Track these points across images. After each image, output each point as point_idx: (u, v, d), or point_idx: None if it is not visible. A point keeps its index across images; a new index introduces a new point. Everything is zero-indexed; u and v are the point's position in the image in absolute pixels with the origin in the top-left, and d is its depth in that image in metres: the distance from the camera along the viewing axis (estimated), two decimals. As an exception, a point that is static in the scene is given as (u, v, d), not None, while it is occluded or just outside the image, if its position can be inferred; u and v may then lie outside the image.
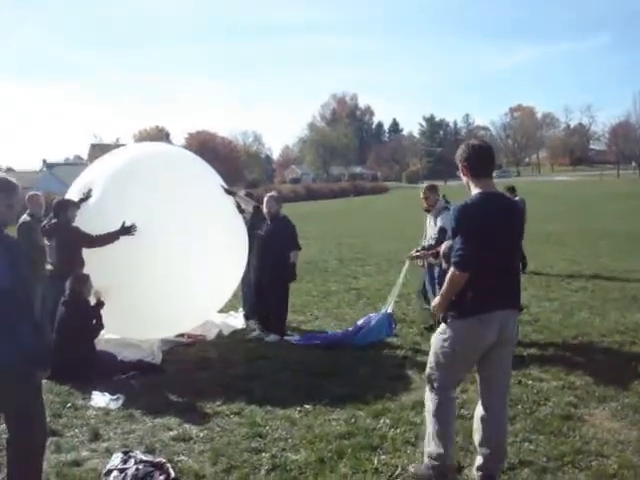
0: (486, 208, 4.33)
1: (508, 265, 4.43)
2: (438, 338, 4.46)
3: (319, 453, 4.95)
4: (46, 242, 8.43)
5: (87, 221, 7.88)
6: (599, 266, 14.97)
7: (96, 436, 5.56)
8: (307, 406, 6.03)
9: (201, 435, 5.49)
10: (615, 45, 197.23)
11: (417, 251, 8.59)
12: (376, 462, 4.78)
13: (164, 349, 8.30)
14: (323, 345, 8.19)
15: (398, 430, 5.35)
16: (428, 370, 4.57)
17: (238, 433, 5.46)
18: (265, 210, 9.05)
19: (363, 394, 6.31)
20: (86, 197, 8.11)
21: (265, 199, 9.15)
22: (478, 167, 4.43)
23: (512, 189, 16.00)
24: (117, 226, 7.58)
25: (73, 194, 8.38)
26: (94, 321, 7.45)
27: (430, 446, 4.49)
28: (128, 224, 7.60)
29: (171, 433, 5.58)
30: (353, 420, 5.65)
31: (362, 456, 4.90)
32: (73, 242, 7.84)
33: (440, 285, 5.25)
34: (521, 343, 8.08)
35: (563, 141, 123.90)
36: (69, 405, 6.40)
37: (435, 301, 4.52)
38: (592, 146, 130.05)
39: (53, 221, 8.13)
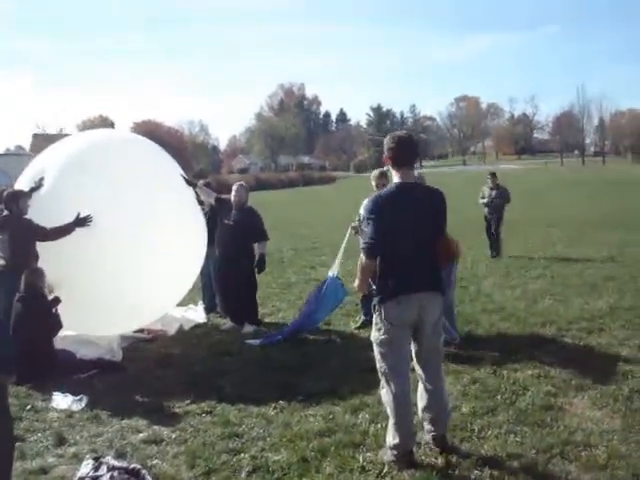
0: (399, 198, 4.58)
1: (423, 251, 4.64)
2: (373, 330, 4.72)
3: (301, 452, 4.75)
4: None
5: (39, 212, 7.52)
6: (554, 253, 15.11)
7: (61, 440, 5.26)
8: (282, 402, 5.83)
9: (173, 436, 5.24)
10: (562, 36, 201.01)
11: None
12: (361, 460, 4.61)
13: (124, 346, 8.00)
14: (288, 337, 7.97)
15: (379, 425, 5.17)
16: (377, 364, 4.75)
17: (213, 433, 5.22)
18: (235, 199, 8.80)
19: (338, 388, 6.13)
20: (37, 187, 7.73)
21: (234, 188, 8.92)
22: (399, 157, 4.66)
23: (493, 174, 16.09)
24: (71, 217, 7.25)
25: (23, 184, 7.98)
26: (52, 318, 7.11)
27: (389, 436, 4.63)
28: (83, 215, 7.27)
29: (141, 435, 5.32)
30: (331, 416, 5.47)
31: (346, 454, 4.72)
32: (27, 235, 7.47)
33: None
34: (489, 332, 8.05)
35: (508, 130, 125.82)
36: (29, 407, 6.09)
37: (354, 284, 4.90)
38: (536, 135, 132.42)
39: (4, 213, 7.73)
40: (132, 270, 7.48)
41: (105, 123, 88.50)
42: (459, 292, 10.73)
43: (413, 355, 4.78)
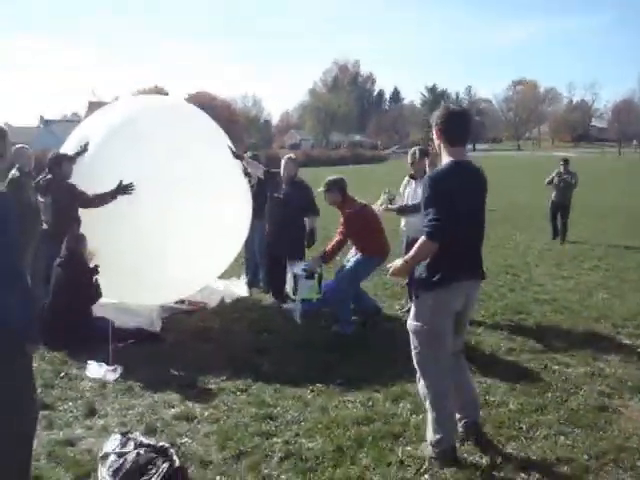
0: (459, 177, 4.24)
1: (477, 235, 4.43)
2: (414, 318, 4.37)
3: (337, 441, 4.52)
4: (40, 199, 7.90)
5: (83, 177, 7.40)
6: (609, 244, 14.58)
7: (92, 411, 5.13)
8: (320, 385, 5.60)
9: (206, 414, 5.06)
10: (621, 23, 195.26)
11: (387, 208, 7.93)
12: (400, 453, 4.36)
13: (163, 316, 7.86)
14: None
15: (420, 417, 4.90)
16: (415, 355, 4.44)
17: (246, 413, 5.03)
18: (284, 173, 8.55)
19: (380, 374, 5.88)
20: (82, 151, 7.60)
21: (283, 162, 8.67)
22: (454, 133, 4.32)
23: (566, 161, 15.75)
24: (114, 185, 7.10)
25: (69, 148, 7.86)
26: (91, 286, 6.99)
27: (429, 431, 4.36)
28: (126, 183, 7.11)
29: (173, 411, 5.15)
30: (370, 403, 5.22)
31: (384, 445, 4.47)
32: (69, 200, 7.35)
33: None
34: (540, 323, 7.70)
35: (565, 117, 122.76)
36: (62, 375, 5.98)
37: (396, 264, 4.38)
38: (593, 123, 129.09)
39: (48, 177, 7.63)
40: (175, 239, 7.32)
41: (160, 93, 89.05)
42: (509, 279, 10.41)
43: None
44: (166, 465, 3.90)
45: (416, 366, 4.45)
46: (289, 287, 7.58)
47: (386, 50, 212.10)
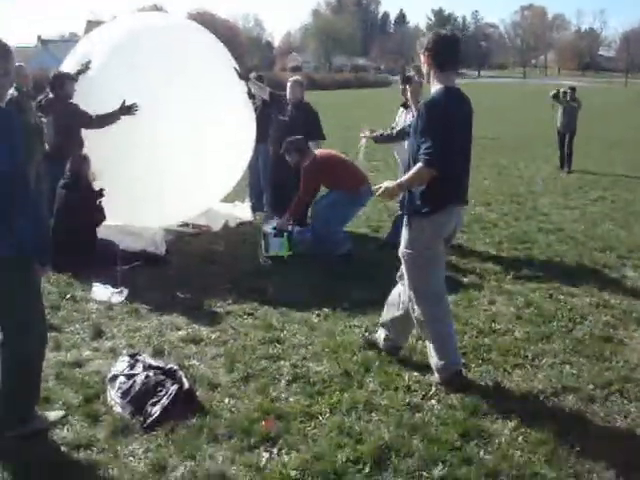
0: (452, 104, 4.18)
1: (467, 161, 4.38)
2: (410, 245, 4.31)
3: (344, 365, 4.54)
4: (42, 119, 7.74)
5: (84, 97, 7.25)
6: (615, 176, 14.48)
7: (99, 333, 5.14)
8: (326, 310, 5.61)
9: (213, 337, 5.07)
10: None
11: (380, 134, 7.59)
12: (407, 378, 4.38)
13: (168, 239, 7.81)
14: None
15: (426, 342, 4.93)
16: (412, 283, 4.37)
17: (253, 337, 5.04)
18: (289, 96, 8.36)
19: (384, 301, 5.85)
20: (84, 70, 7.42)
21: (289, 84, 8.45)
22: (445, 57, 4.21)
23: (573, 89, 15.60)
24: (117, 104, 6.96)
25: (69, 67, 7.67)
26: (96, 209, 6.93)
27: (434, 358, 4.37)
28: (129, 103, 6.97)
29: (180, 333, 5.17)
30: (376, 329, 5.22)
31: (391, 370, 4.49)
32: (71, 120, 7.22)
33: None
34: (546, 253, 7.68)
35: (572, 45, 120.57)
36: (68, 297, 5.97)
37: (387, 185, 4.31)
38: (601, 52, 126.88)
39: (49, 96, 7.47)
40: (177, 160, 7.24)
41: (159, 11, 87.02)
42: (514, 208, 10.36)
43: None
44: (175, 387, 3.93)
45: (411, 293, 4.40)
46: (261, 246, 7.46)
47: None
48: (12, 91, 7.99)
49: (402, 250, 4.38)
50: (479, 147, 19.81)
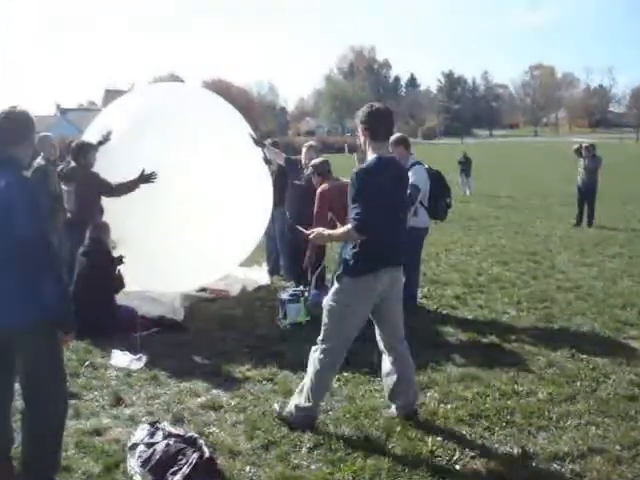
0: (383, 172, 4.46)
1: (398, 225, 4.65)
2: (333, 298, 4.56)
3: (365, 430, 4.49)
4: (64, 187, 7.89)
5: (105, 166, 7.40)
6: (630, 231, 14.46)
7: (118, 401, 5.12)
8: (346, 374, 5.54)
9: (232, 403, 5.04)
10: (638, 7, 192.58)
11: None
12: (430, 443, 4.31)
13: (186, 305, 7.86)
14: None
15: (449, 406, 4.88)
16: (323, 330, 4.62)
17: (273, 402, 4.98)
18: (305, 161, 8.48)
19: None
20: (105, 140, 7.60)
21: (304, 149, 8.58)
22: (377, 129, 4.52)
23: (593, 147, 15.79)
24: (136, 173, 7.10)
25: (90, 137, 7.85)
26: (115, 276, 7.00)
27: (300, 397, 4.62)
28: (148, 172, 7.11)
29: (199, 400, 5.13)
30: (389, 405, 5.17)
31: (413, 435, 4.43)
32: (92, 188, 7.35)
33: None
34: (565, 311, 7.61)
35: (582, 102, 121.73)
36: (87, 364, 5.97)
37: (319, 231, 4.81)
38: (611, 108, 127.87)
39: (72, 165, 7.62)
40: (196, 227, 7.32)
41: (175, 81, 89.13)
42: (532, 267, 10.33)
43: (377, 328, 4.80)
44: (196, 455, 3.89)
45: (320, 340, 4.63)
46: (279, 313, 7.45)
47: (402, 36, 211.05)
48: (40, 160, 8.24)
49: (325, 300, 4.63)
50: (495, 207, 19.97)
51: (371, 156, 4.50)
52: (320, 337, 4.63)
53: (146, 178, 7.14)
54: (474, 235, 14.09)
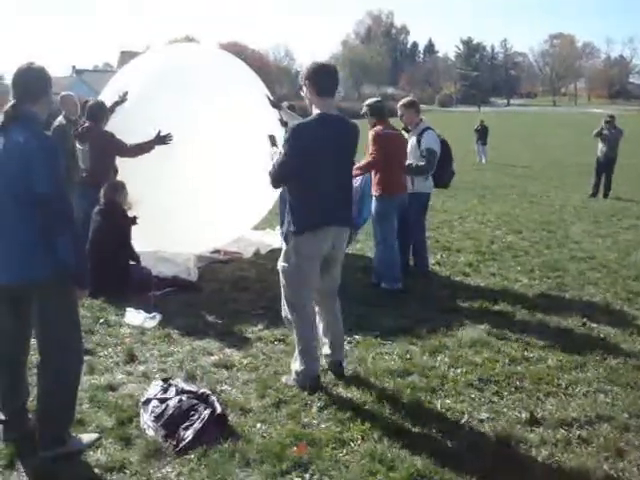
0: (320, 129, 4.49)
1: (341, 185, 4.67)
2: (283, 259, 4.75)
3: (375, 392, 4.53)
4: (78, 146, 7.91)
5: (122, 126, 7.40)
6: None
7: (132, 358, 5.19)
8: (357, 337, 5.60)
9: (244, 362, 5.10)
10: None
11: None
12: (439, 406, 4.36)
13: (200, 266, 7.92)
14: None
15: (459, 370, 4.91)
16: (284, 293, 4.81)
17: (285, 363, 5.03)
18: None
19: (416, 327, 5.86)
20: (121, 101, 7.61)
21: None
22: (321, 85, 4.57)
23: (612, 117, 15.70)
24: (152, 134, 7.10)
25: (106, 98, 7.85)
26: (129, 235, 7.05)
27: (295, 362, 4.74)
28: (163, 133, 7.11)
29: (212, 358, 5.20)
30: (408, 356, 5.21)
31: (422, 398, 4.47)
32: (107, 148, 7.36)
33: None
34: (578, 281, 7.61)
35: (602, 72, 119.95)
36: (102, 321, 6.05)
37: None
38: (632, 80, 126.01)
39: (86, 125, 7.63)
40: (210, 188, 7.34)
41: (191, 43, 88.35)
42: (545, 236, 10.30)
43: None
44: (208, 411, 3.96)
45: (284, 301, 4.81)
46: None
47: (421, 1, 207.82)
48: (61, 118, 8.25)
49: (279, 263, 4.79)
50: (510, 176, 19.86)
51: (314, 112, 4.57)
52: (282, 299, 4.83)
53: (162, 139, 7.15)
54: (488, 204, 14.05)
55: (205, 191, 7.33)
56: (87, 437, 3.92)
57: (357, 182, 7.52)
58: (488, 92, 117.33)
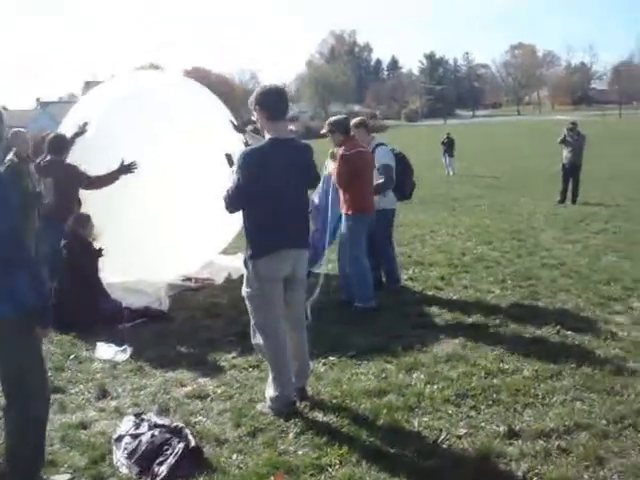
0: (272, 154, 4.49)
1: (296, 207, 4.68)
2: (245, 285, 4.70)
3: (352, 414, 4.48)
4: (42, 180, 7.79)
5: (83, 157, 7.33)
6: (615, 207, 14.55)
7: (104, 393, 5.08)
8: (332, 358, 5.55)
9: (218, 392, 5.01)
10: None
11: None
12: (417, 424, 4.31)
13: (171, 294, 7.82)
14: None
15: (435, 387, 4.86)
16: (251, 319, 4.75)
17: (260, 390, 4.95)
18: None
19: (390, 345, 5.82)
20: (81, 132, 7.53)
21: None
22: (270, 109, 4.54)
23: (574, 124, 15.89)
24: (115, 164, 7.04)
25: (67, 128, 7.78)
26: (97, 268, 6.96)
27: (269, 388, 4.66)
28: (127, 162, 7.05)
29: (185, 389, 5.11)
30: (384, 375, 5.16)
31: (399, 417, 4.42)
32: (71, 181, 7.29)
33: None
34: (550, 288, 7.63)
35: (564, 80, 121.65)
36: (72, 357, 5.95)
37: None
38: (593, 86, 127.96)
39: (48, 158, 7.54)
40: (176, 214, 7.30)
41: (155, 70, 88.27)
42: (516, 245, 10.34)
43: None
44: (182, 445, 3.88)
45: (253, 328, 4.76)
46: None
47: (383, 18, 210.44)
48: (11, 156, 8.10)
49: (242, 289, 4.74)
50: (479, 187, 20.00)
51: (267, 136, 4.55)
52: (251, 326, 4.77)
53: (126, 168, 7.10)
54: (458, 215, 14.11)
55: (168, 218, 7.29)
56: (59, 478, 3.82)
57: (316, 200, 7.51)
58: (453, 105, 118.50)
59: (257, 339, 4.76)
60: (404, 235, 11.45)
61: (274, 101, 4.56)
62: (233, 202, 4.59)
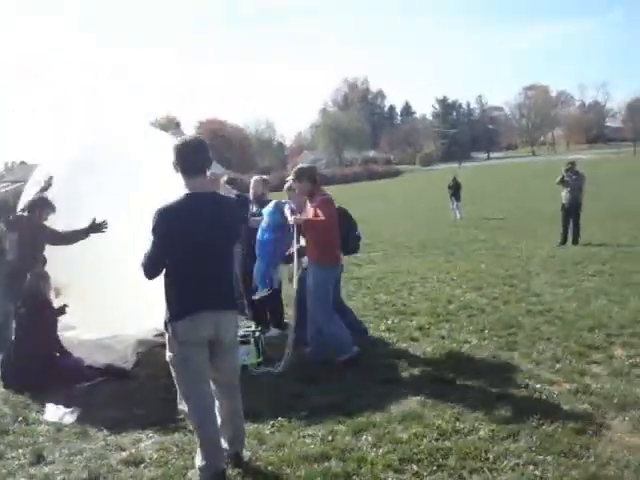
0: (187, 210, 4.25)
1: (217, 265, 4.39)
2: (168, 350, 4.40)
3: (285, 482, 4.20)
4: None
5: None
6: (616, 247, 14.23)
7: (39, 459, 4.85)
8: (281, 419, 5.25)
9: (155, 457, 4.75)
10: (629, 21, 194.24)
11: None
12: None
13: (140, 351, 7.58)
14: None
15: (380, 450, 4.56)
16: (177, 386, 4.49)
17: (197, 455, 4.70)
18: (251, 192, 8.31)
19: (347, 402, 5.54)
20: (46, 187, 7.44)
21: (252, 181, 8.46)
22: (186, 163, 4.31)
23: (572, 163, 15.71)
24: (83, 219, 6.93)
25: (33, 184, 7.71)
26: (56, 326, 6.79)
27: (197, 456, 4.38)
28: (99, 220, 6.92)
29: (123, 454, 4.86)
30: (330, 437, 4.85)
31: (338, 485, 4.13)
32: (36, 238, 7.17)
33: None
34: (530, 337, 7.31)
35: (578, 119, 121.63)
36: (20, 419, 5.71)
37: None
38: (608, 123, 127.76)
39: (17, 214, 7.44)
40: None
41: (171, 123, 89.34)
42: (505, 290, 10.05)
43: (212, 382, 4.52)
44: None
45: (179, 393, 4.50)
46: None
47: (394, 65, 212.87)
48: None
49: (166, 353, 4.44)
50: (483, 230, 19.71)
51: (183, 192, 4.32)
52: (177, 391, 4.51)
53: (97, 227, 6.96)
54: (455, 260, 13.85)
55: (135, 275, 7.08)
56: None
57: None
58: (469, 148, 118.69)
59: (182, 405, 4.49)
60: (393, 283, 11.22)
61: (188, 156, 4.31)
62: (150, 264, 4.31)
